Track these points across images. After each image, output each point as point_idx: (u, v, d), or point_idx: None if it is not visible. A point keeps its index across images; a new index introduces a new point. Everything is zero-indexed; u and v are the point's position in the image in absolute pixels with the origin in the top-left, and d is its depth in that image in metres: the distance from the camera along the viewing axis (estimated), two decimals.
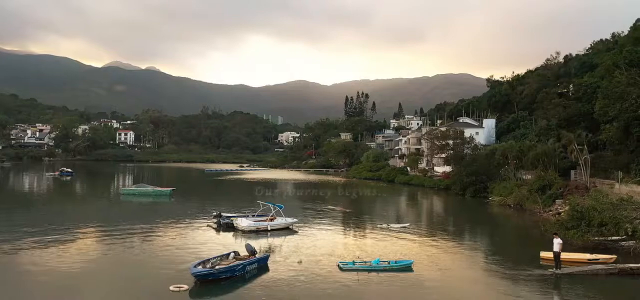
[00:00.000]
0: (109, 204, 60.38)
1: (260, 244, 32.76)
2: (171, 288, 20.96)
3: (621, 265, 25.59)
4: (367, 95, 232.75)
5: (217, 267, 23.79)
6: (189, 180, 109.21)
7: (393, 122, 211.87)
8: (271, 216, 39.44)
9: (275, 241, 34.69)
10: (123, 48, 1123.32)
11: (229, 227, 38.34)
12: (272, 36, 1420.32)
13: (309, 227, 40.42)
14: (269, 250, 30.24)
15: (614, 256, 27.60)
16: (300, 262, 27.08)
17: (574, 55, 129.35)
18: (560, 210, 48.66)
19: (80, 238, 33.64)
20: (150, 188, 66.40)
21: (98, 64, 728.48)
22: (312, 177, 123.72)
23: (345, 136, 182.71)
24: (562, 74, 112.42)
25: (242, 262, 24.63)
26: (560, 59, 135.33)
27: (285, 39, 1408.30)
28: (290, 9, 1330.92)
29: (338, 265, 26.10)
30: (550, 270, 25.72)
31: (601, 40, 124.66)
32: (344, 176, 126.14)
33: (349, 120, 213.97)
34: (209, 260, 24.58)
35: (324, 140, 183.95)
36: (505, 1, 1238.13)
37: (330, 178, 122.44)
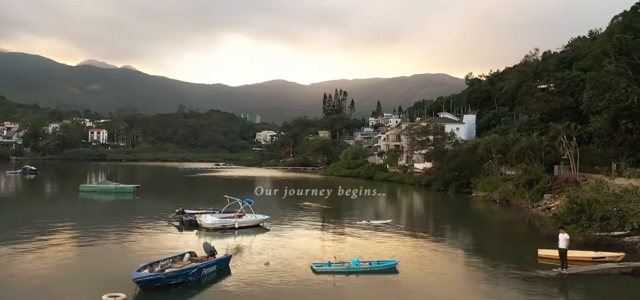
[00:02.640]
0: (64, 202, 55.64)
1: (226, 243, 29.25)
2: (104, 297, 17.05)
3: (635, 264, 22.52)
4: (345, 93, 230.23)
5: (167, 270, 20.03)
6: (161, 179, 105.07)
7: (372, 120, 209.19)
8: (239, 212, 35.74)
9: (243, 240, 31.01)
10: (98, 47, 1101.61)
11: (193, 225, 34.50)
12: (250, 36, 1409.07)
13: (282, 225, 36.76)
14: (233, 250, 26.59)
15: (622, 254, 24.63)
16: (267, 263, 23.43)
17: (552, 52, 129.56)
18: (550, 205, 46.11)
19: (12, 240, 28.19)
20: (112, 185, 62.29)
21: (72, 63, 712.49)
22: (290, 175, 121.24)
23: (324, 134, 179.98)
24: (540, 70, 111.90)
25: (197, 264, 20.92)
26: (539, 55, 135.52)
27: (263, 39, 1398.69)
28: (268, 9, 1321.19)
29: (311, 267, 22.53)
30: (554, 269, 22.50)
31: (579, 37, 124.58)
32: (322, 174, 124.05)
33: (327, 118, 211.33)
34: (158, 262, 20.75)
35: (302, 139, 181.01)
36: (481, 2, 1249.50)
37: (308, 176, 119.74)
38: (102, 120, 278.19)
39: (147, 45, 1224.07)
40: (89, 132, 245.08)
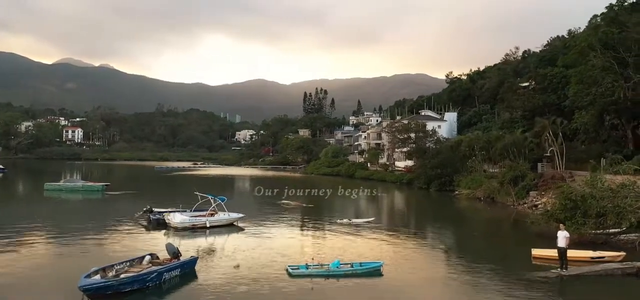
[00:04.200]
0: (26, 202, 52.42)
1: (196, 244, 26.93)
2: None
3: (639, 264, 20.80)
4: (325, 92, 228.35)
5: (122, 275, 17.63)
6: (136, 177, 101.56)
7: (352, 119, 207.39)
8: (211, 211, 33.36)
9: (214, 240, 28.66)
10: (75, 45, 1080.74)
11: (161, 224, 32.01)
12: (230, 35, 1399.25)
13: (258, 224, 34.41)
14: (202, 252, 24.28)
15: (623, 253, 22.94)
16: (237, 266, 21.08)
17: (531, 52, 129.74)
18: (537, 203, 44.69)
19: None
20: (80, 183, 59.31)
21: (48, 61, 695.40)
22: (269, 173, 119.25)
23: (304, 133, 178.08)
24: (521, 69, 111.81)
25: (158, 268, 18.53)
26: (519, 54, 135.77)
27: (243, 38, 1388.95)
28: (248, 9, 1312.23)
29: (286, 270, 20.30)
30: (553, 270, 20.66)
31: (558, 36, 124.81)
32: (302, 172, 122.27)
33: (307, 116, 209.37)
34: (112, 266, 18.32)
35: (281, 137, 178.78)
36: (460, 3, 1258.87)
37: (287, 174, 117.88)
38: (77, 119, 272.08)
39: (126, 44, 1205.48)
40: (64, 131, 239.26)
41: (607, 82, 49.15)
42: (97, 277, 17.04)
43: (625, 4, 56.15)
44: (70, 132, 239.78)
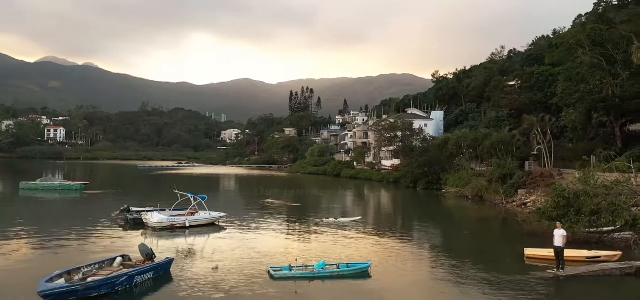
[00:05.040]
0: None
1: (175, 244, 25.60)
2: None
3: (639, 264, 19.88)
4: (312, 91, 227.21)
5: (89, 279, 16.25)
6: (117, 176, 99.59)
7: (339, 118, 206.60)
8: (191, 210, 31.99)
9: (194, 241, 27.31)
10: (58, 43, 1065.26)
11: (139, 224, 30.56)
12: (216, 34, 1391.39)
13: (240, 223, 33.09)
14: (179, 252, 22.97)
15: (619, 252, 22.09)
16: (216, 268, 19.78)
17: (517, 51, 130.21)
18: (526, 201, 44.00)
19: None
20: (57, 182, 57.48)
21: (31, 59, 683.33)
22: (254, 173, 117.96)
23: (290, 132, 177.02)
24: (506, 68, 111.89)
25: (129, 271, 17.19)
26: (505, 53, 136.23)
27: (230, 38, 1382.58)
28: (234, 8, 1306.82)
29: (268, 272, 19.12)
30: (550, 271, 19.71)
31: (543, 36, 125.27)
32: (288, 171, 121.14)
33: (293, 115, 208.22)
34: (79, 269, 16.95)
35: (267, 136, 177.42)
36: (445, 3, 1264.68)
37: (273, 173, 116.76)
38: (60, 118, 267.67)
39: (111, 43, 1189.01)
40: (46, 130, 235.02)
41: (596, 79, 48.59)
42: (61, 281, 15.67)
43: (612, 3, 55.80)
44: (52, 131, 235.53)
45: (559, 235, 19.90)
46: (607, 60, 49.57)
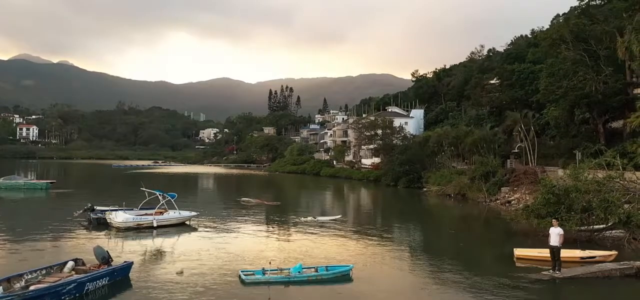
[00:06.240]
0: None
1: (142, 246, 23.66)
2: None
3: (639, 264, 18.58)
4: (291, 90, 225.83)
5: (31, 287, 14.25)
6: (91, 176, 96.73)
7: (318, 117, 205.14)
8: (160, 208, 29.95)
9: (162, 242, 25.33)
10: (33, 40, 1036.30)
11: (103, 224, 28.47)
12: (194, 33, 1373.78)
13: (213, 223, 31.16)
14: (143, 255, 21.02)
15: (614, 252, 20.84)
16: (181, 272, 17.85)
17: (495, 50, 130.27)
18: (510, 199, 42.95)
19: None
20: (21, 181, 54.77)
21: (4, 57, 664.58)
22: (232, 172, 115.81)
23: (269, 131, 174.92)
24: (486, 66, 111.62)
25: (79, 277, 15.24)
26: (484, 52, 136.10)
27: (208, 36, 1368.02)
28: (213, 7, 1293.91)
29: (239, 277, 17.35)
30: (545, 272, 18.28)
31: (521, 36, 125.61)
32: (267, 170, 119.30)
33: (272, 114, 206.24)
34: (21, 276, 14.92)
35: (246, 136, 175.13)
36: (423, 4, 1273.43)
37: (251, 172, 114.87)
38: (33, 117, 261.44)
39: (88, 41, 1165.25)
40: (18, 129, 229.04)
41: (579, 75, 47.82)
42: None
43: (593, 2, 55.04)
44: (24, 129, 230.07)
45: (555, 234, 18.46)
46: (590, 56, 48.90)
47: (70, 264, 16.44)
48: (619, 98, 47.78)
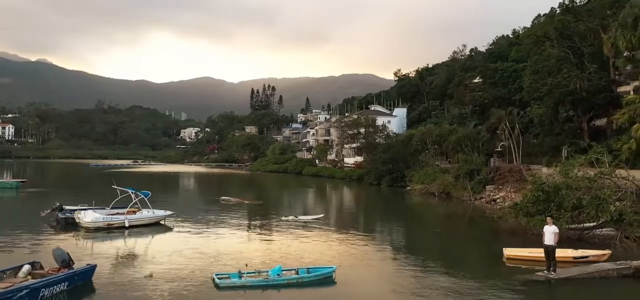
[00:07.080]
0: None
1: (111, 247, 22.24)
2: None
3: (637, 263, 17.71)
4: (273, 89, 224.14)
5: None
6: (68, 175, 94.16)
7: (301, 117, 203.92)
8: (132, 207, 28.46)
9: (135, 243, 23.87)
10: (10, 38, 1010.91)
11: (71, 224, 26.91)
12: (176, 32, 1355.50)
13: (189, 223, 29.78)
14: (111, 258, 19.64)
15: (608, 251, 20.02)
16: (150, 275, 16.48)
17: (477, 50, 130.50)
18: (495, 197, 42.24)
19: None
20: None
21: None
22: (213, 171, 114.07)
23: (251, 130, 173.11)
24: (468, 66, 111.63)
25: (34, 282, 13.84)
26: (467, 51, 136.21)
27: (190, 35, 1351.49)
28: (195, 6, 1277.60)
29: (213, 280, 16.08)
30: (539, 273, 17.30)
31: (503, 36, 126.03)
32: (248, 169, 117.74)
33: (254, 113, 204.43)
34: None
35: (228, 135, 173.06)
36: (406, 6, 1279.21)
37: (233, 171, 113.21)
38: (9, 115, 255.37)
39: (67, 39, 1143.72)
40: None
41: (564, 72, 47.43)
42: None
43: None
44: (0, 128, 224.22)
45: (550, 232, 17.48)
46: (574, 53, 48.59)
47: (26, 267, 14.99)
48: (604, 95, 47.52)
